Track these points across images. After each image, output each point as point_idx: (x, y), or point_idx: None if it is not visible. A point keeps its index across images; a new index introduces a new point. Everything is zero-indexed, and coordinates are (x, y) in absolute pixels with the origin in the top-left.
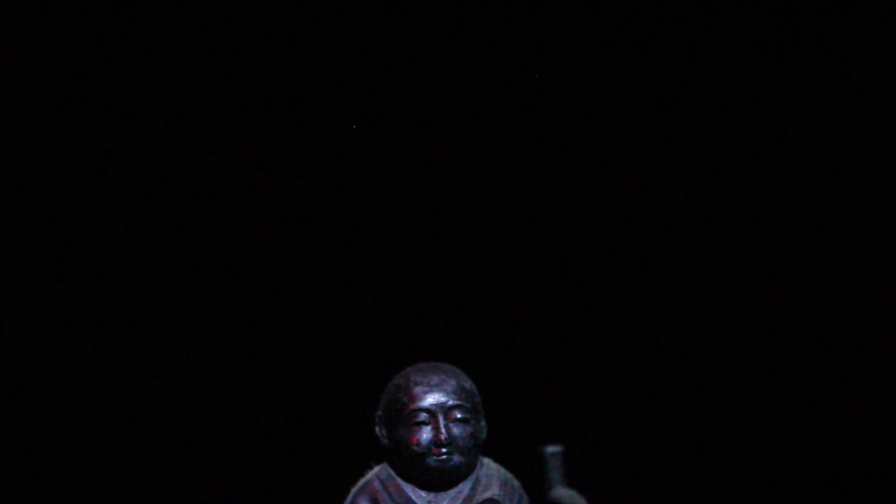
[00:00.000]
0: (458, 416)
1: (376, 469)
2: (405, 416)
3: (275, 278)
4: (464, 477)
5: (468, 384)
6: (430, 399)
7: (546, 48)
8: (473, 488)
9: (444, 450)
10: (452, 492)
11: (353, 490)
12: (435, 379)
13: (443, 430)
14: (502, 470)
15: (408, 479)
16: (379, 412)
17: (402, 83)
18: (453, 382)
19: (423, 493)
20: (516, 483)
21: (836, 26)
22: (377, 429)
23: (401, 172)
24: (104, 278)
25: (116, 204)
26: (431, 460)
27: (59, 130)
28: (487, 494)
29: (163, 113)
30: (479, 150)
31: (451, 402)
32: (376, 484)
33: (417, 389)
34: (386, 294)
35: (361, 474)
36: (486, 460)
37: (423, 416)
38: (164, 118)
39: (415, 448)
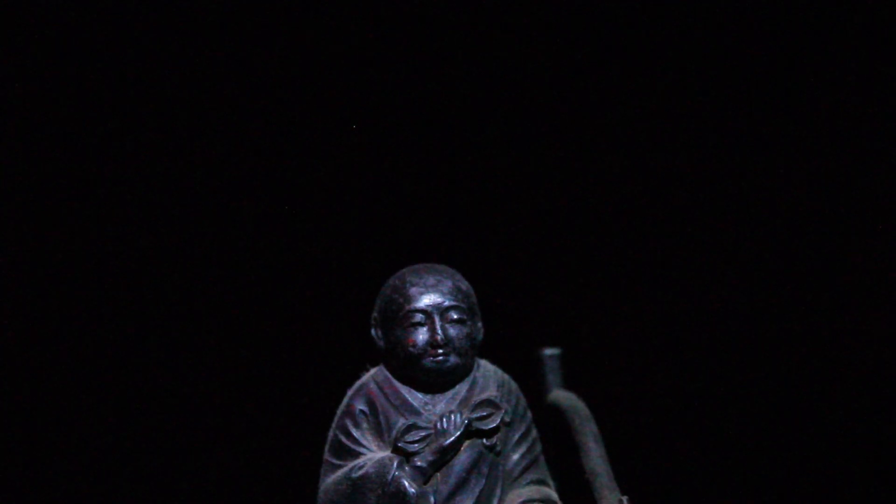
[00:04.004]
0: (455, 316)
1: (372, 371)
2: (401, 317)
3: (273, 182)
4: (460, 378)
5: (464, 285)
6: (426, 300)
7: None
8: (470, 390)
9: (440, 350)
10: (449, 393)
11: (350, 392)
12: (431, 280)
13: (439, 331)
14: (499, 371)
15: (404, 381)
16: (375, 314)
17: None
18: (449, 283)
19: (419, 395)
20: (513, 385)
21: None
22: (373, 330)
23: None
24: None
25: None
26: (428, 361)
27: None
28: (484, 396)
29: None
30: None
31: (447, 303)
32: (372, 386)
33: (413, 290)
34: (383, 194)
35: (357, 376)
36: (482, 362)
37: (419, 317)
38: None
39: (411, 349)
